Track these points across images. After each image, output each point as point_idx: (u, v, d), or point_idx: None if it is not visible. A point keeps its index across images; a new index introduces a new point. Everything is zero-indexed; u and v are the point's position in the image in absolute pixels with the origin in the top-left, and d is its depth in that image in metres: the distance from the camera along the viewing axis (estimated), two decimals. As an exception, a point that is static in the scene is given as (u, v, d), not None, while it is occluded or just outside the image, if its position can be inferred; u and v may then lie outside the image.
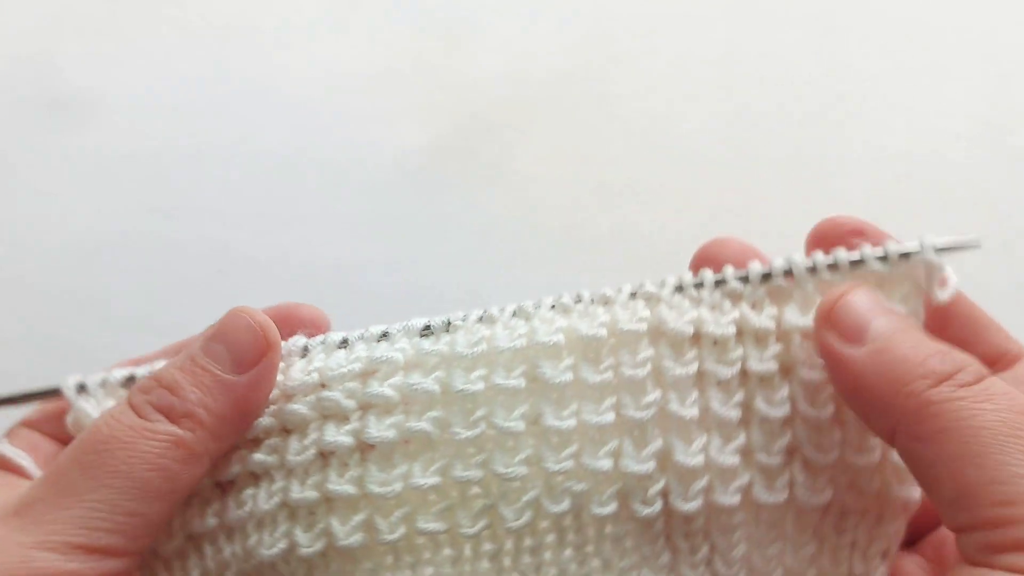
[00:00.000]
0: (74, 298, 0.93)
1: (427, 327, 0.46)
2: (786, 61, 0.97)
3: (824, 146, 0.95)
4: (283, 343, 0.46)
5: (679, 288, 0.46)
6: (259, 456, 0.45)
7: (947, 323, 0.46)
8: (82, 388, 0.47)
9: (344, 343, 0.46)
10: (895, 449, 0.40)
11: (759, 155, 0.95)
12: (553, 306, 0.46)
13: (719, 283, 0.46)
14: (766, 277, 0.46)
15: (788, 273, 0.45)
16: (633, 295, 0.46)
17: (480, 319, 0.46)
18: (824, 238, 0.47)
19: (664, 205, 0.95)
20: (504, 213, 0.94)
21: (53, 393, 0.48)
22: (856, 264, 0.45)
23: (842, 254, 0.45)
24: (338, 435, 0.44)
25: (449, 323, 0.46)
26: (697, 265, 0.48)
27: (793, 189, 0.94)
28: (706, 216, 0.94)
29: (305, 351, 0.47)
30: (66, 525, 0.40)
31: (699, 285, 0.46)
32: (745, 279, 0.46)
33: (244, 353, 0.44)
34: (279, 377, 0.46)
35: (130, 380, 0.48)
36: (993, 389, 0.38)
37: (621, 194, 0.95)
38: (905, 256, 0.45)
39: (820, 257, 0.45)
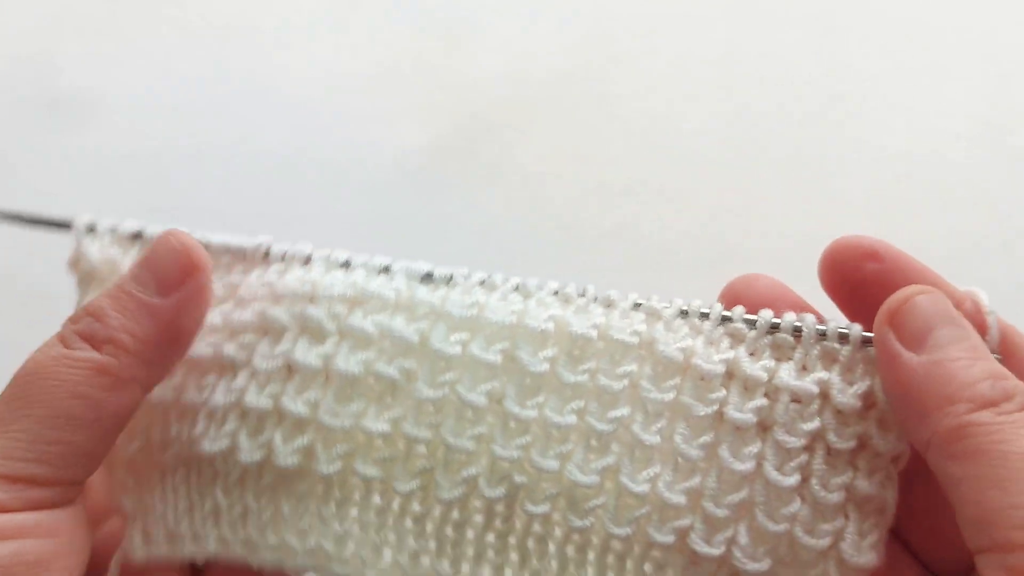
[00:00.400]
0: (74, 298, 0.93)
1: (429, 274, 0.46)
2: (786, 61, 0.97)
3: (824, 146, 0.95)
4: (293, 248, 0.47)
5: (684, 312, 0.44)
6: (230, 348, 0.45)
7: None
8: (91, 228, 0.48)
9: (346, 264, 0.46)
10: (927, 459, 0.40)
11: (759, 155, 0.95)
12: (556, 292, 0.45)
13: (725, 319, 0.44)
14: (774, 328, 0.44)
15: (797, 332, 0.43)
16: (637, 306, 0.45)
17: (482, 283, 0.45)
18: (837, 262, 0.45)
19: (664, 205, 0.95)
20: (504, 213, 0.94)
21: (63, 225, 0.49)
22: (867, 342, 0.43)
23: (856, 329, 0.43)
24: (308, 355, 0.44)
25: (451, 277, 0.45)
26: (724, 297, 0.46)
27: (793, 189, 0.94)
28: (706, 216, 0.94)
29: (308, 261, 0.46)
30: None
31: (704, 315, 0.44)
32: (752, 324, 0.44)
33: (168, 275, 0.43)
34: (272, 277, 0.46)
35: (138, 235, 0.48)
36: None
37: (621, 194, 0.95)
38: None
39: (833, 326, 0.43)
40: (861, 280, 0.44)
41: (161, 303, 0.43)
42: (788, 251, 0.93)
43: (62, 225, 0.49)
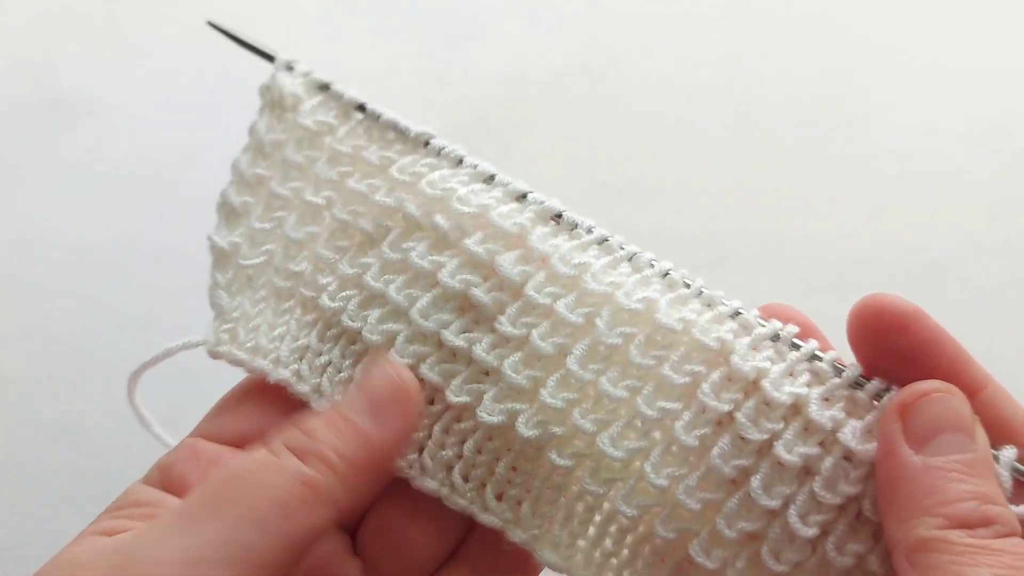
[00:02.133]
0: (74, 298, 0.94)
1: (558, 215, 0.48)
2: (786, 61, 0.97)
3: (824, 146, 0.95)
4: (449, 146, 0.50)
5: (776, 337, 0.44)
6: (366, 224, 0.51)
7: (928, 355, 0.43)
8: (290, 67, 0.54)
9: (491, 179, 0.49)
10: (892, 559, 0.39)
11: (759, 155, 0.95)
12: (666, 274, 0.46)
13: (815, 357, 0.43)
14: (858, 384, 0.43)
15: (878, 396, 0.42)
16: (736, 314, 0.45)
17: (601, 243, 0.47)
18: (863, 326, 0.43)
19: (663, 205, 0.95)
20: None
21: (266, 56, 0.54)
22: None
23: None
24: (424, 259, 0.48)
25: (576, 226, 0.48)
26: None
27: (793, 189, 0.94)
28: (706, 216, 0.94)
29: (460, 163, 0.50)
30: (174, 555, 0.38)
31: (795, 347, 0.44)
32: (840, 371, 0.43)
33: (382, 403, 0.44)
34: (421, 169, 0.50)
35: (324, 87, 0.54)
36: (1005, 547, 0.37)
37: (621, 193, 0.95)
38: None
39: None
40: (884, 349, 0.42)
41: (373, 433, 0.43)
42: (788, 251, 0.94)
43: (267, 56, 0.55)
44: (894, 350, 0.42)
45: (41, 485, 0.89)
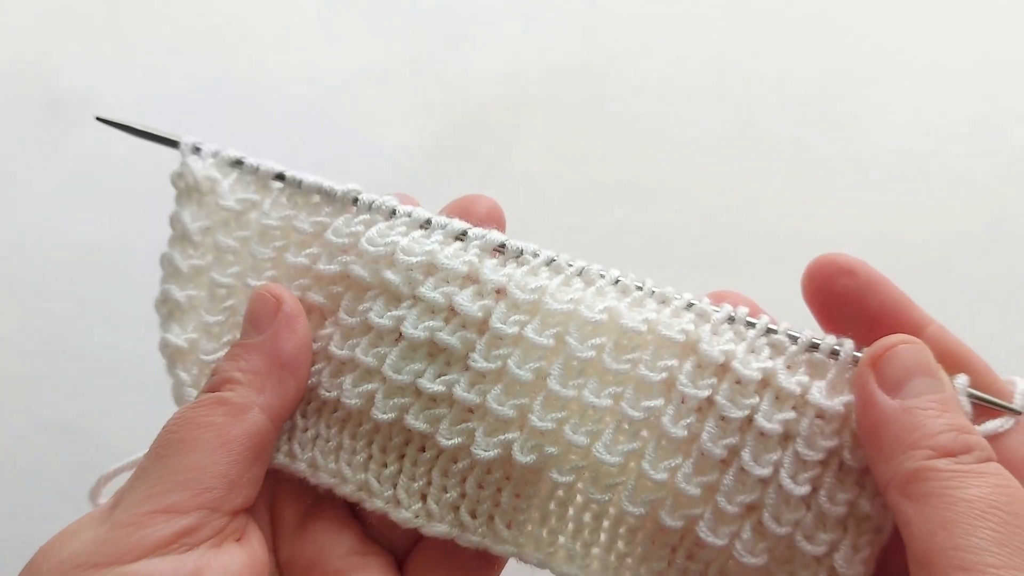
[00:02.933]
0: (73, 298, 0.94)
1: (502, 245, 0.49)
2: (786, 61, 0.97)
3: (823, 146, 0.95)
4: (379, 199, 0.50)
5: (731, 319, 0.47)
6: (317, 296, 0.51)
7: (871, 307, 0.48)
8: (196, 149, 0.52)
9: (427, 223, 0.50)
10: (885, 497, 0.42)
11: (757, 155, 0.95)
12: (616, 282, 0.48)
13: (770, 331, 0.47)
14: (814, 346, 0.46)
15: (834, 353, 0.46)
16: (690, 306, 0.47)
17: (548, 264, 0.48)
18: (815, 276, 0.48)
19: (662, 204, 0.95)
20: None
21: (171, 143, 0.53)
22: None
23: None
24: (383, 317, 0.48)
25: (521, 252, 0.48)
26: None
27: (791, 188, 0.94)
28: (705, 216, 0.94)
29: (393, 213, 0.50)
30: (136, 500, 0.44)
31: (750, 324, 0.47)
32: (795, 339, 0.46)
33: (260, 316, 0.49)
34: (357, 228, 0.50)
35: (238, 162, 0.52)
36: (988, 470, 0.41)
37: (619, 193, 0.95)
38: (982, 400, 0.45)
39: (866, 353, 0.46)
40: (834, 294, 0.47)
41: (260, 339, 0.49)
42: (787, 251, 0.94)
43: (170, 142, 0.53)
44: (843, 296, 0.47)
45: (40, 484, 0.89)
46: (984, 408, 0.45)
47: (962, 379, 0.45)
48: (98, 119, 0.53)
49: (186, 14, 1.01)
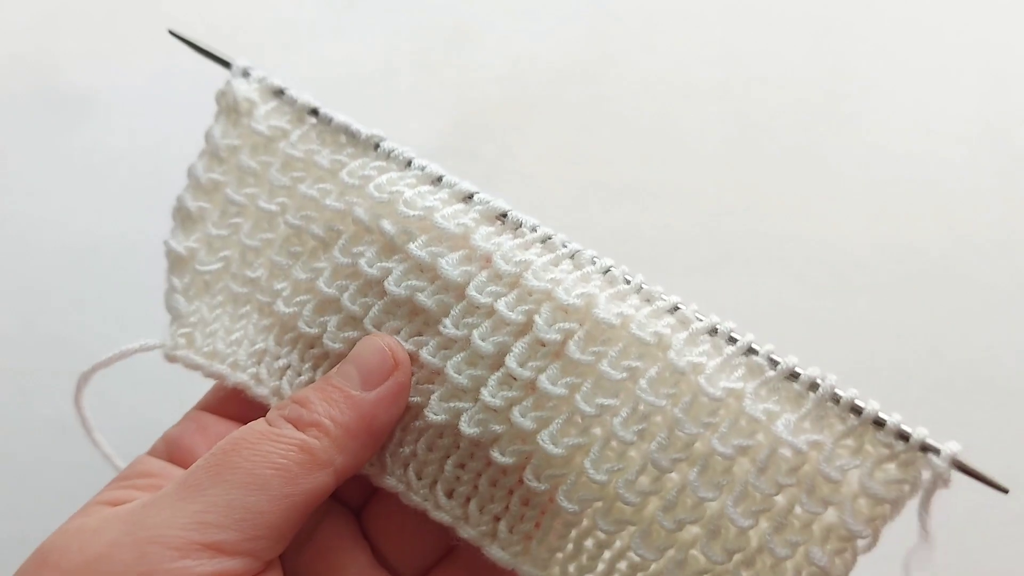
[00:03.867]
0: (73, 297, 0.94)
1: (504, 214, 0.48)
2: (786, 61, 0.97)
3: (824, 147, 0.95)
4: (398, 149, 0.51)
5: (713, 331, 0.45)
6: (318, 229, 0.51)
7: None
8: (246, 73, 0.55)
9: (439, 180, 0.50)
10: None
11: (758, 155, 0.95)
12: (606, 271, 0.47)
13: (750, 351, 0.44)
14: (793, 376, 0.43)
15: (813, 388, 0.43)
16: (674, 309, 0.46)
17: (544, 241, 0.47)
18: None
19: (663, 205, 0.95)
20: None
21: (223, 62, 0.55)
22: (879, 425, 0.42)
23: (871, 408, 0.42)
24: (372, 267, 0.48)
25: (520, 224, 0.48)
26: None
27: (792, 190, 0.94)
28: (705, 216, 0.94)
29: (408, 165, 0.50)
30: (183, 520, 0.41)
31: (732, 340, 0.44)
32: (774, 364, 0.44)
33: (371, 372, 0.47)
34: (370, 172, 0.50)
35: (279, 92, 0.54)
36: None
37: (620, 194, 0.95)
38: (922, 449, 0.41)
39: (848, 394, 0.43)
40: None
41: (364, 396, 0.46)
42: (787, 252, 0.94)
43: (223, 62, 0.55)
44: None
45: (38, 483, 0.89)
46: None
47: (952, 446, 0.41)
48: (170, 32, 0.57)
49: (187, 12, 1.01)
